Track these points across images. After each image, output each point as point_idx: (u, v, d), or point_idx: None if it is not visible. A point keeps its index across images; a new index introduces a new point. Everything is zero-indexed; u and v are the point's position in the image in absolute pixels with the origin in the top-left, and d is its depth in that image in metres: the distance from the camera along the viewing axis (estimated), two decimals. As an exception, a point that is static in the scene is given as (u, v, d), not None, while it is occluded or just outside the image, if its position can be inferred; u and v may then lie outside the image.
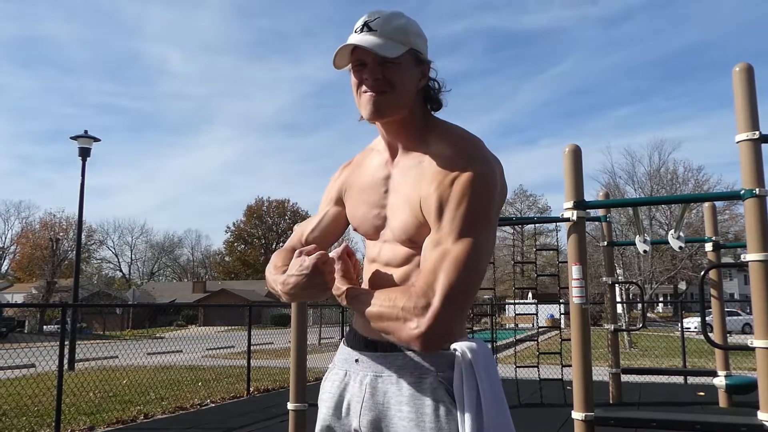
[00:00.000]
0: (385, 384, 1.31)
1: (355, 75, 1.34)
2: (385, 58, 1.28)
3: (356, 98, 1.36)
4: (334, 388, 1.41)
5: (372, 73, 1.30)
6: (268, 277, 1.47)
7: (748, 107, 3.83)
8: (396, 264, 1.36)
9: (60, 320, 6.90)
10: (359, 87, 1.33)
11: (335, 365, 1.46)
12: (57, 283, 42.14)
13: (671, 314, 43.20)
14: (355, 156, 1.56)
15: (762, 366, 3.64)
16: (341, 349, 1.46)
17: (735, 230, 32.42)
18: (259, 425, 6.08)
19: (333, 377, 1.43)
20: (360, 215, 1.44)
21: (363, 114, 1.35)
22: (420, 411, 1.25)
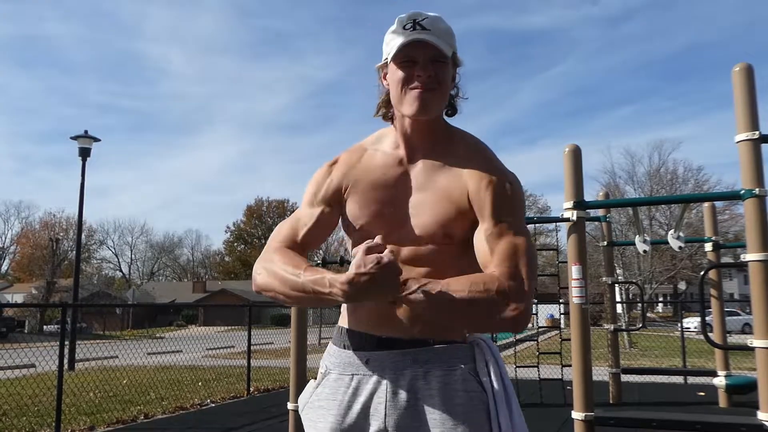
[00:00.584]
0: (410, 380, 1.29)
1: (403, 71, 1.34)
2: (443, 56, 1.33)
3: (396, 94, 1.36)
4: (340, 395, 1.34)
5: (425, 70, 1.32)
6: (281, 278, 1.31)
7: (748, 107, 3.83)
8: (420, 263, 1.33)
9: (60, 320, 6.90)
10: (407, 83, 1.34)
11: (332, 370, 1.39)
12: (57, 283, 42.14)
13: (671, 314, 43.19)
14: (341, 155, 1.49)
15: (762, 366, 3.64)
16: (337, 353, 1.40)
17: (735, 230, 32.38)
18: (259, 425, 6.09)
19: (335, 384, 1.36)
20: (371, 213, 1.39)
21: (407, 110, 1.35)
22: (452, 402, 1.26)
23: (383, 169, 1.42)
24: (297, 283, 1.28)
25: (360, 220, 1.41)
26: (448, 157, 1.39)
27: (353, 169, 1.45)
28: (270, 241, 1.46)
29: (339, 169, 1.47)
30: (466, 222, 1.33)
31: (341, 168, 1.47)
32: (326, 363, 1.42)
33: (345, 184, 1.44)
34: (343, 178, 1.45)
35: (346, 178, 1.45)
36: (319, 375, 1.42)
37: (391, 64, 1.36)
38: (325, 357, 1.44)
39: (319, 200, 1.47)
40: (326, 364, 1.42)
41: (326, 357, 1.43)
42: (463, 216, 1.33)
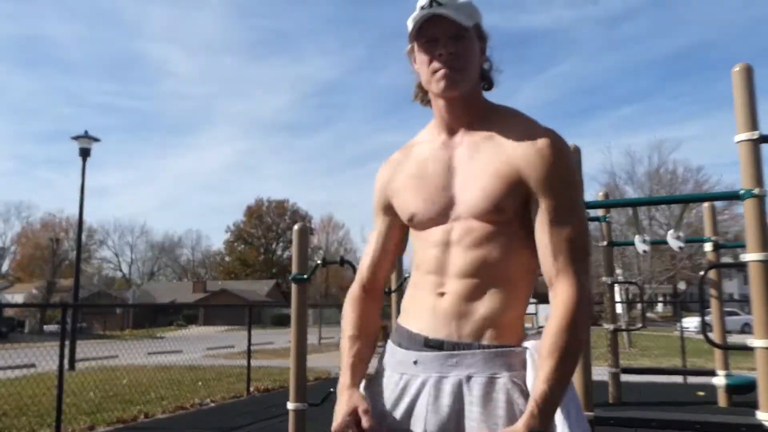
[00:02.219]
0: (453, 385, 1.25)
1: (425, 52, 1.34)
2: (461, 27, 1.30)
3: (425, 75, 1.36)
4: (389, 392, 1.34)
5: (446, 47, 1.31)
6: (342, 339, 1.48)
7: (748, 107, 3.83)
8: (470, 244, 1.31)
9: (60, 320, 6.90)
10: (430, 63, 1.33)
11: (386, 368, 1.39)
12: (57, 283, 42.17)
13: (671, 314, 43.18)
14: (392, 156, 1.51)
15: (761, 366, 3.64)
16: (392, 351, 1.40)
17: (735, 230, 32.38)
18: (259, 425, 6.09)
19: (387, 382, 1.35)
20: (421, 201, 1.38)
21: (435, 89, 1.34)
22: (492, 413, 1.21)
23: (429, 156, 1.41)
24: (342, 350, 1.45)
25: (409, 211, 1.40)
26: (489, 131, 1.36)
27: (398, 167, 1.47)
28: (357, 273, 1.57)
29: (386, 171, 1.50)
30: (517, 195, 1.29)
31: (388, 169, 1.49)
32: (384, 359, 1.42)
33: (390, 185, 1.47)
34: (389, 179, 1.47)
35: (391, 178, 1.47)
36: (374, 371, 1.43)
37: (416, 46, 1.36)
38: (382, 355, 1.44)
39: (377, 214, 1.53)
40: (384, 360, 1.42)
41: (383, 355, 1.44)
42: (512, 188, 1.29)
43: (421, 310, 1.35)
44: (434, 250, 1.35)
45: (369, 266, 1.52)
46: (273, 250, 67.07)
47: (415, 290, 1.39)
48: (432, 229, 1.36)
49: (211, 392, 8.43)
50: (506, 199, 1.29)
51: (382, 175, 1.51)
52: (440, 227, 1.35)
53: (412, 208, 1.39)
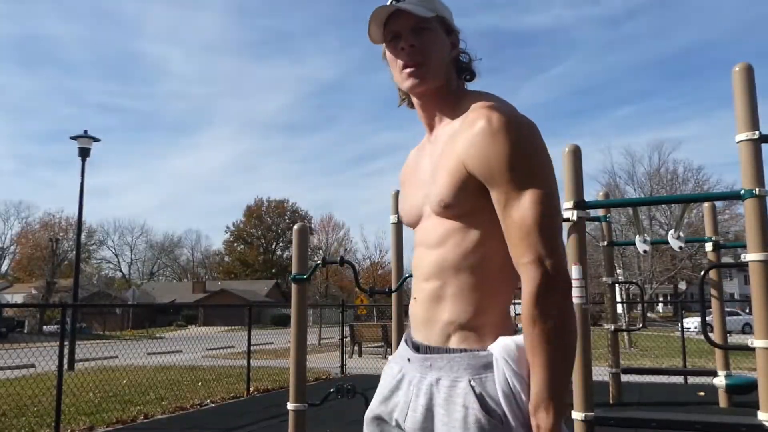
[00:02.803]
0: (427, 386, 1.27)
1: (391, 50, 1.34)
2: (420, 18, 1.28)
3: (395, 74, 1.35)
4: (387, 381, 1.40)
5: (407, 41, 1.30)
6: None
7: (748, 107, 3.83)
8: (432, 244, 1.29)
9: (60, 320, 6.90)
10: (397, 59, 1.33)
11: (395, 357, 1.44)
12: (57, 283, 42.13)
13: (671, 314, 43.19)
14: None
15: (762, 366, 3.63)
16: (402, 343, 1.44)
17: (735, 230, 32.40)
18: (259, 425, 6.08)
19: (389, 370, 1.42)
20: (403, 202, 1.45)
21: (402, 86, 1.35)
22: (452, 416, 1.20)
23: (419, 157, 1.44)
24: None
25: (400, 215, 1.46)
26: (452, 123, 1.32)
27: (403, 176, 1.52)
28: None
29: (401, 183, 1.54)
30: (468, 189, 1.22)
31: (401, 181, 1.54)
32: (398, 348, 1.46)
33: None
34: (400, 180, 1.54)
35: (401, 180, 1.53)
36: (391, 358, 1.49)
37: (384, 46, 1.36)
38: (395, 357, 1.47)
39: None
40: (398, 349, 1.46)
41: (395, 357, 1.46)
42: (460, 182, 1.23)
43: (411, 314, 1.39)
44: (415, 252, 1.38)
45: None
46: (273, 250, 67.07)
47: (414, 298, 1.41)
48: (415, 229, 1.40)
49: (211, 392, 8.43)
50: (454, 195, 1.23)
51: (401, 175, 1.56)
52: (418, 227, 1.38)
53: (400, 210, 1.45)
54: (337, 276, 39.43)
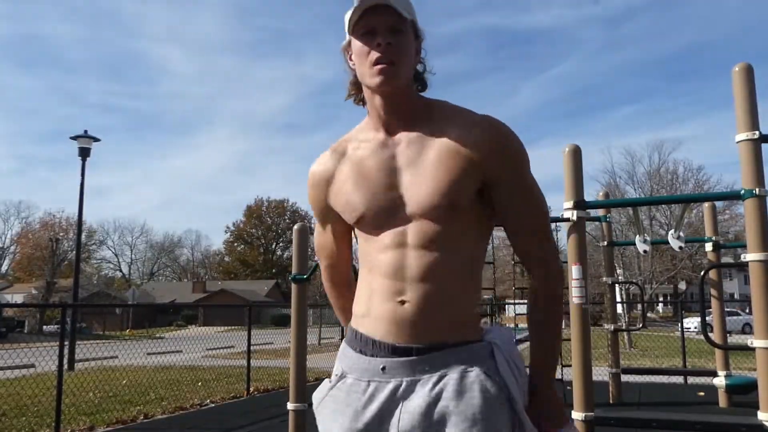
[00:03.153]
0: (429, 386, 1.25)
1: (364, 42, 1.31)
2: (400, 18, 1.29)
3: (362, 68, 1.33)
4: (355, 400, 1.30)
5: (384, 38, 1.29)
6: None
7: (748, 107, 3.83)
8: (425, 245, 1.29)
9: (60, 320, 6.90)
10: (368, 55, 1.30)
11: (348, 374, 1.34)
12: (57, 283, 42.13)
13: (671, 314, 43.20)
14: (315, 169, 1.47)
15: (762, 366, 3.63)
16: (353, 357, 1.35)
17: (735, 230, 32.42)
18: (259, 425, 6.08)
19: (350, 388, 1.32)
20: (366, 201, 1.33)
21: (371, 83, 1.31)
22: (469, 404, 1.22)
23: (369, 155, 1.37)
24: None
25: (355, 213, 1.36)
26: (430, 126, 1.34)
27: (336, 166, 1.42)
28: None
29: (321, 171, 1.46)
30: (471, 187, 1.30)
31: (322, 179, 1.45)
32: (342, 365, 1.37)
33: (328, 192, 1.44)
34: (327, 186, 1.44)
35: (330, 186, 1.43)
36: (334, 376, 1.38)
37: (353, 39, 1.33)
38: (341, 358, 1.39)
39: (323, 220, 1.54)
40: (342, 366, 1.37)
41: (342, 358, 1.39)
42: (465, 181, 1.29)
43: (380, 315, 1.31)
44: (389, 254, 1.31)
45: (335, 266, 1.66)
46: (273, 250, 67.09)
47: (371, 294, 1.33)
48: (384, 232, 1.32)
49: (211, 392, 8.42)
50: (461, 193, 1.29)
51: (318, 178, 1.46)
52: (393, 230, 1.31)
53: (357, 213, 1.35)
54: (337, 276, 39.35)
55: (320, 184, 1.45)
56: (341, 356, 1.40)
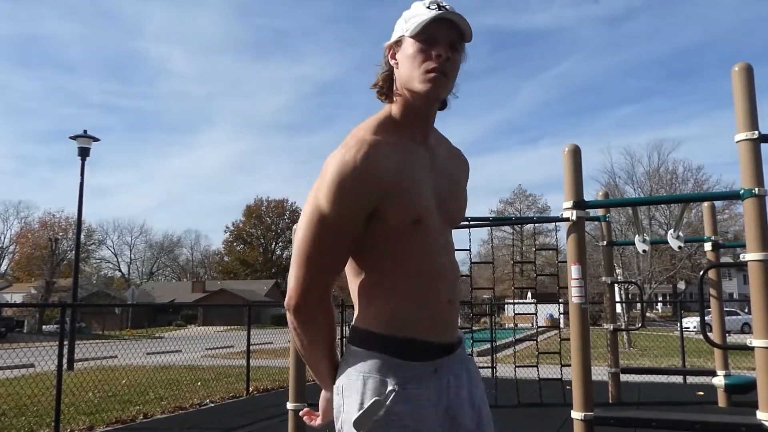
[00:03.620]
0: (463, 378, 1.40)
1: (422, 48, 1.32)
2: (463, 39, 1.36)
3: (412, 71, 1.33)
4: (426, 409, 1.28)
5: (445, 51, 1.32)
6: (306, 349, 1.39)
7: (748, 107, 3.83)
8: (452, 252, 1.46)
9: (59, 320, 6.90)
10: (424, 61, 1.31)
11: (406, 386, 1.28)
12: (56, 283, 42.12)
13: (670, 314, 43.23)
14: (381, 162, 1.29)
15: (761, 365, 3.64)
16: (404, 366, 1.29)
17: (734, 230, 32.44)
18: (258, 425, 6.08)
19: (417, 399, 1.28)
20: (426, 202, 1.34)
21: (421, 88, 1.31)
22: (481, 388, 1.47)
23: (414, 159, 1.36)
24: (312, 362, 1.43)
25: (418, 214, 1.31)
26: (439, 142, 1.48)
27: (396, 168, 1.31)
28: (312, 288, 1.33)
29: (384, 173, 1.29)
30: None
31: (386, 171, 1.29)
32: (391, 379, 1.28)
33: (393, 187, 1.29)
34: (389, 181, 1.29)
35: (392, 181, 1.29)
36: (387, 391, 1.27)
37: (409, 40, 1.34)
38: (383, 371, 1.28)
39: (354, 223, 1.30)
40: (391, 380, 1.28)
41: (385, 371, 1.28)
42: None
43: (435, 317, 1.34)
44: (443, 257, 1.38)
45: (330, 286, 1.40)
46: (272, 249, 67.09)
47: (422, 297, 1.32)
48: (435, 237, 1.36)
49: (210, 392, 8.42)
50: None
51: (383, 170, 1.29)
52: (441, 235, 1.39)
53: (419, 211, 1.32)
54: (336, 276, 39.38)
55: (383, 177, 1.28)
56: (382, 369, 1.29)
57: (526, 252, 35.41)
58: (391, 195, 1.29)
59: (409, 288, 1.33)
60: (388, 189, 1.28)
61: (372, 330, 1.32)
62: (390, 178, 1.29)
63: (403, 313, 1.32)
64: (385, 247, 1.33)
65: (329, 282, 1.34)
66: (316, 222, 1.29)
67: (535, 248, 9.55)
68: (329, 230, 1.28)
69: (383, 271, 1.34)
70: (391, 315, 1.32)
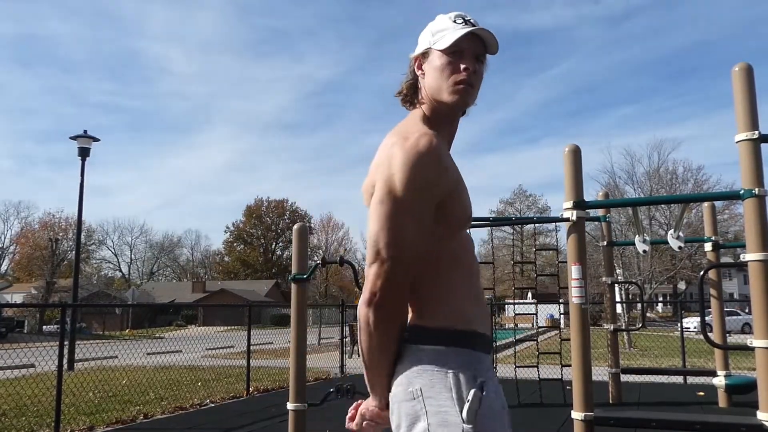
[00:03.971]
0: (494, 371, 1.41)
1: (450, 61, 1.40)
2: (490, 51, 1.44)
3: (440, 82, 1.41)
4: (501, 400, 1.32)
5: (472, 64, 1.40)
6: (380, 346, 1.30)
7: (748, 107, 3.83)
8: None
9: (59, 320, 6.91)
10: (453, 73, 1.40)
11: (490, 378, 1.31)
12: (56, 283, 42.15)
13: (671, 314, 43.23)
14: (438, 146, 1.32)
15: (761, 366, 3.64)
16: (483, 359, 1.34)
17: (734, 230, 32.42)
18: (258, 425, 6.08)
19: (496, 391, 1.31)
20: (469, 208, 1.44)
21: (450, 99, 1.40)
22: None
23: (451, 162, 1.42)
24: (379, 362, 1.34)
25: (469, 214, 1.43)
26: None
27: (452, 166, 1.38)
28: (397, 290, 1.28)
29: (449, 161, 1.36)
30: None
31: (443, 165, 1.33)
32: (478, 372, 1.29)
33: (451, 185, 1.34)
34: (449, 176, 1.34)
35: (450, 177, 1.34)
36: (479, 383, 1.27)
37: (437, 53, 1.42)
38: (471, 365, 1.29)
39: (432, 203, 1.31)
40: (477, 373, 1.29)
41: (472, 363, 1.30)
42: None
43: (484, 314, 1.41)
44: (473, 254, 1.47)
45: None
46: (272, 250, 67.10)
47: (473, 294, 1.39)
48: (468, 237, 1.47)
49: (211, 392, 8.43)
50: None
51: (452, 164, 1.37)
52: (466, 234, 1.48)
53: (471, 209, 1.44)
54: (337, 276, 39.47)
55: (450, 170, 1.34)
56: (470, 360, 1.30)
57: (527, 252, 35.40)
58: (456, 190, 1.36)
59: (466, 284, 1.38)
60: (453, 182, 1.35)
61: (446, 326, 1.31)
62: (454, 173, 1.37)
63: (465, 309, 1.35)
64: (443, 243, 1.36)
65: (411, 277, 1.30)
66: (398, 211, 1.27)
67: (536, 248, 9.55)
68: (413, 220, 1.27)
69: (442, 268, 1.35)
70: (459, 311, 1.34)
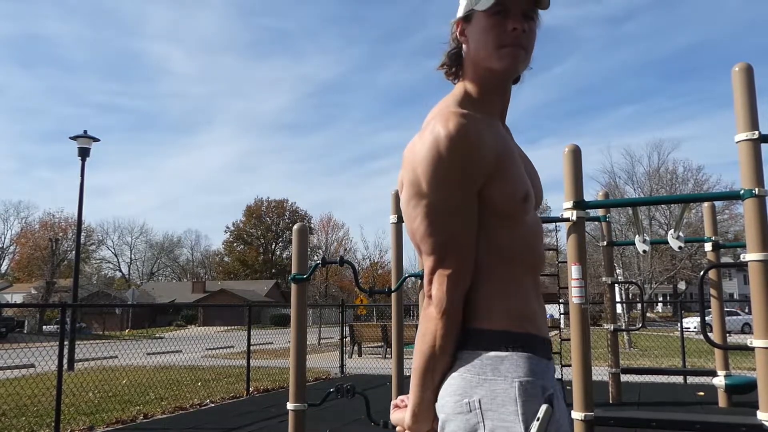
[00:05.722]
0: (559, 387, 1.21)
1: (495, 22, 1.21)
2: (539, 7, 1.24)
3: (486, 46, 1.23)
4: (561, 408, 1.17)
5: (520, 23, 1.21)
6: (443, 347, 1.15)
7: (748, 107, 3.83)
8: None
9: (59, 320, 6.90)
10: (500, 35, 1.21)
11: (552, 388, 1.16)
12: (56, 283, 42.14)
13: (671, 314, 43.24)
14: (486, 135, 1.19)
15: (761, 366, 3.63)
16: (547, 367, 1.20)
17: (734, 230, 32.45)
18: (258, 425, 6.08)
19: (562, 402, 1.21)
20: (528, 181, 1.24)
21: (498, 65, 1.22)
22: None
23: (503, 138, 1.25)
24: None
25: (525, 191, 1.22)
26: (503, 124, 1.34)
27: (494, 139, 1.21)
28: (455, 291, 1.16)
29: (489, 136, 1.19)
30: None
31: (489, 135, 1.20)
32: (546, 381, 1.16)
33: (496, 162, 1.18)
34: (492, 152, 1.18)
35: (493, 152, 1.19)
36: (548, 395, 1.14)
37: (480, 15, 1.23)
38: (538, 374, 1.15)
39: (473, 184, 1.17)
40: (547, 383, 1.16)
41: (539, 373, 1.15)
42: None
43: (541, 313, 1.23)
44: (540, 247, 1.26)
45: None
46: (272, 250, 67.10)
47: (527, 292, 1.21)
48: (536, 218, 1.26)
49: (211, 392, 8.43)
50: None
51: (492, 141, 1.19)
52: (536, 217, 1.27)
53: (527, 187, 1.22)
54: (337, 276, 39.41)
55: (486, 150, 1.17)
56: (536, 371, 1.15)
57: (527, 252, 35.31)
58: (498, 170, 1.17)
59: (525, 279, 1.21)
60: (493, 163, 1.17)
61: (505, 328, 1.15)
62: (493, 152, 1.17)
63: (522, 307, 1.19)
64: (490, 234, 1.19)
65: (465, 275, 1.16)
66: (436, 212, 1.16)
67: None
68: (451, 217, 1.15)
69: (490, 263, 1.18)
70: (516, 309, 1.18)
